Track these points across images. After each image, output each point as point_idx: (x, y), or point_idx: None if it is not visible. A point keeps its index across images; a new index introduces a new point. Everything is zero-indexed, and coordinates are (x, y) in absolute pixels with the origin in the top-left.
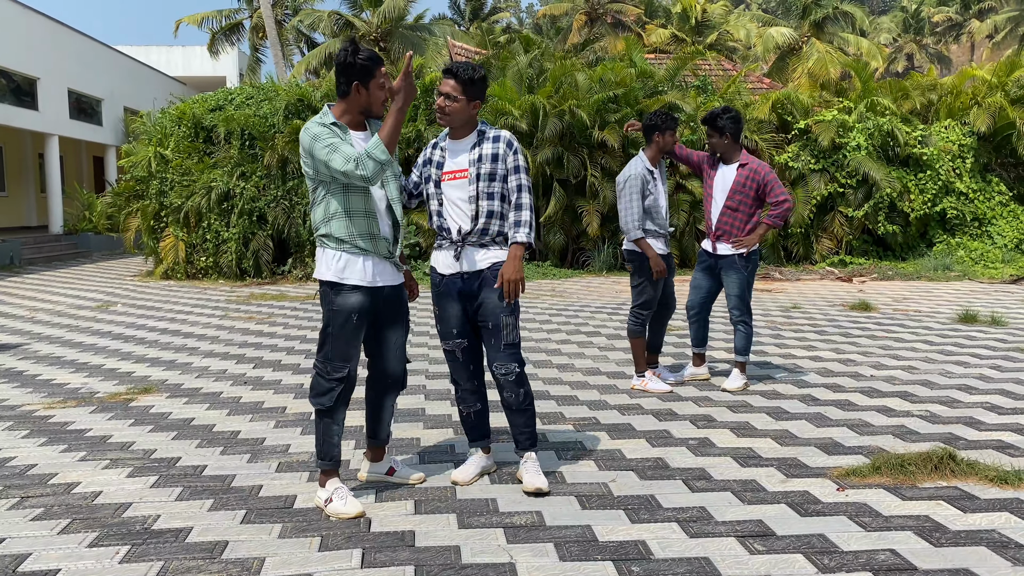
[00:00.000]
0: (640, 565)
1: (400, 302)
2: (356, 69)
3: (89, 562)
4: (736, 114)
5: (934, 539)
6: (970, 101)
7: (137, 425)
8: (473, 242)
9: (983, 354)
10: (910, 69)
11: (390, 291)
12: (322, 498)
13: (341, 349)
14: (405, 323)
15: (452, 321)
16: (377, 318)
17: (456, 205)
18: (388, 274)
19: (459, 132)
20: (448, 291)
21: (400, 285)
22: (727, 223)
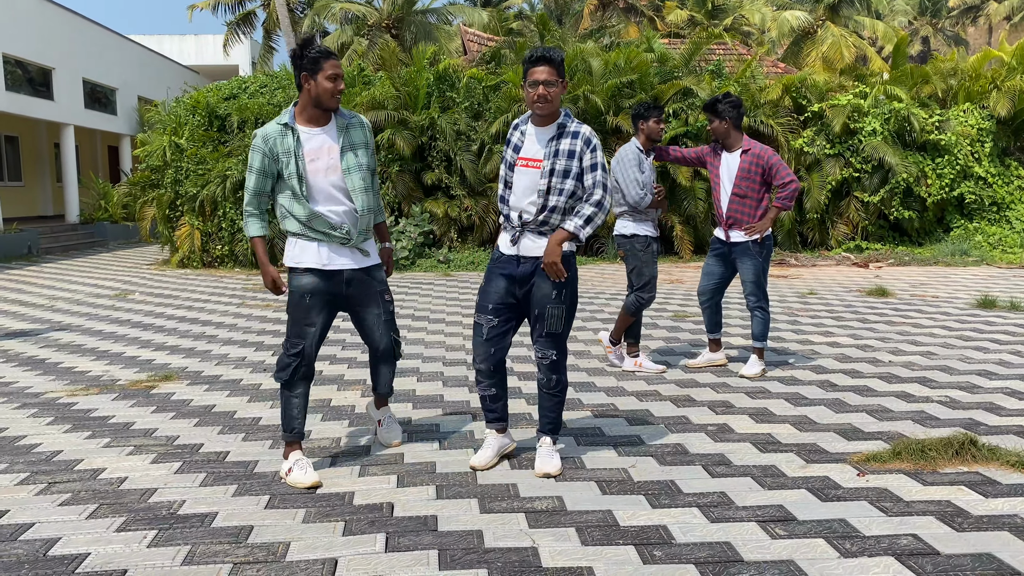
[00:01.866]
0: (662, 549)
1: (369, 282)
2: (304, 62)
3: (117, 546)
4: (736, 100)
5: (956, 524)
6: (989, 85)
7: (159, 412)
8: (532, 229)
9: (1003, 339)
10: (925, 52)
11: (352, 273)
12: (284, 469)
13: (295, 327)
14: (380, 301)
15: (492, 296)
16: (349, 300)
17: (524, 193)
18: (348, 258)
19: (547, 119)
20: (501, 269)
21: (370, 267)
22: (737, 210)
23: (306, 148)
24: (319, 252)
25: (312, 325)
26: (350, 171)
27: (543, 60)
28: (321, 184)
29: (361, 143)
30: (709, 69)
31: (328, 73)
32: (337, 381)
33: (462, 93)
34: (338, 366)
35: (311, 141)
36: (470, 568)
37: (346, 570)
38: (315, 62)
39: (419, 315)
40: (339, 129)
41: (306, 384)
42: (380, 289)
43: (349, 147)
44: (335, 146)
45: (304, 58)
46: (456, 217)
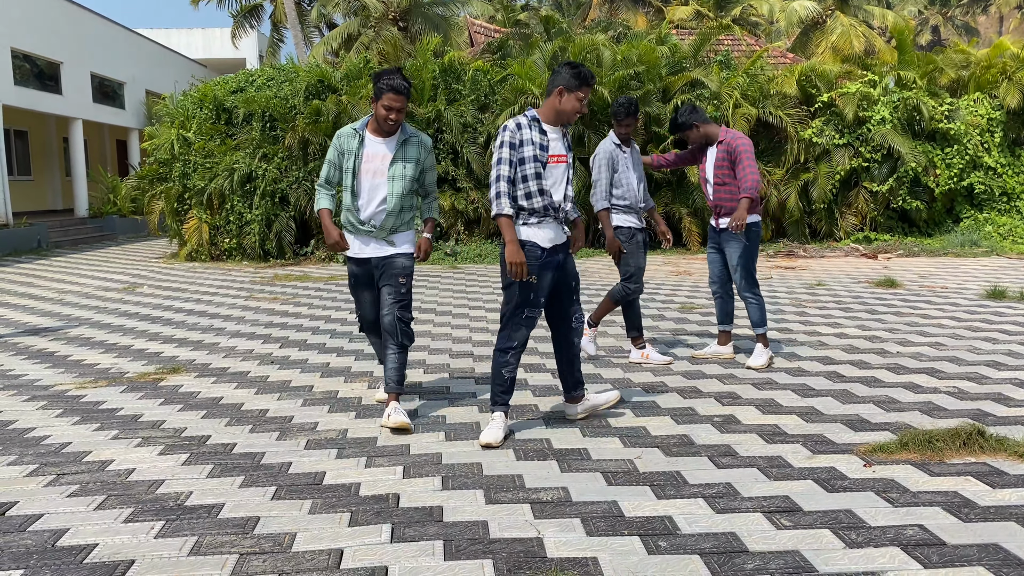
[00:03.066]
0: (667, 540)
1: (389, 268)
2: (374, 89)
3: (125, 537)
4: (687, 107)
5: (962, 514)
6: (999, 75)
7: (167, 404)
8: (561, 218)
9: (1012, 330)
10: (935, 41)
11: (378, 261)
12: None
13: (353, 299)
14: (394, 284)
15: (546, 290)
16: (376, 283)
17: (557, 187)
18: (375, 248)
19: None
20: (550, 263)
21: (394, 255)
22: (722, 198)
23: (366, 151)
24: (353, 243)
25: (360, 299)
26: (394, 179)
27: (594, 80)
28: (366, 183)
29: (413, 158)
30: (717, 60)
31: (385, 104)
32: (344, 373)
33: (468, 85)
34: (345, 358)
35: (371, 147)
36: (475, 559)
37: (352, 560)
38: (378, 92)
39: (426, 307)
40: (399, 142)
41: (375, 335)
42: (397, 272)
43: (401, 159)
44: (389, 155)
45: (374, 86)
46: (463, 210)
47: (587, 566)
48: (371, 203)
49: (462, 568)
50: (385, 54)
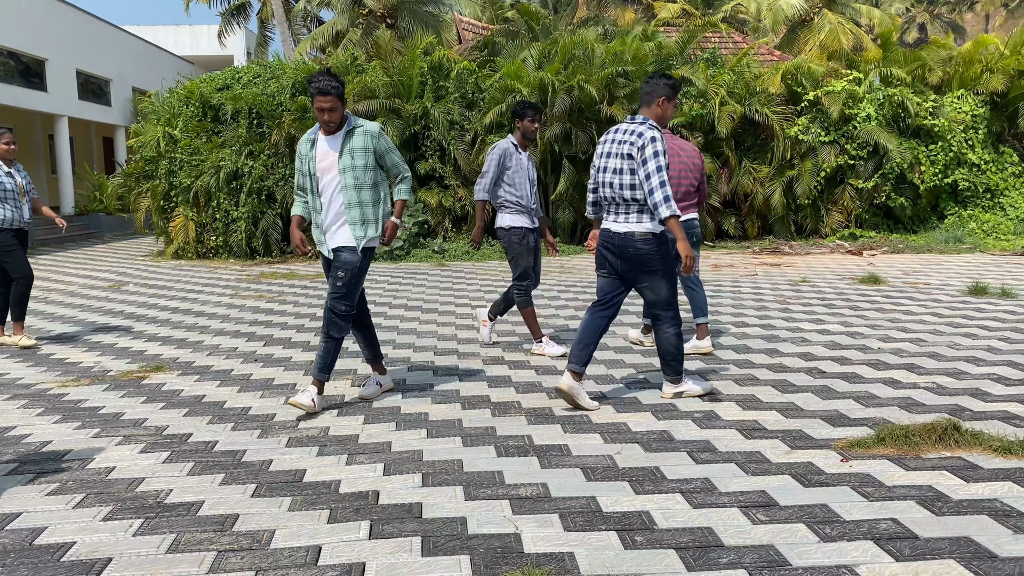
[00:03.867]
0: (643, 535)
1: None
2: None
3: (103, 535)
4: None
5: (936, 508)
6: (983, 70)
7: (149, 402)
8: None
9: (992, 326)
10: (922, 39)
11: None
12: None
13: None
14: (333, 276)
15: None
16: None
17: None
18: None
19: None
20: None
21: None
22: None
23: (318, 152)
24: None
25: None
26: (345, 171)
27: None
28: (324, 181)
29: (360, 147)
30: (704, 57)
31: (316, 106)
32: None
33: (455, 83)
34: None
35: (322, 146)
36: (452, 554)
37: (329, 557)
38: (311, 95)
39: (412, 304)
40: (344, 135)
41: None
42: (338, 265)
43: (348, 150)
44: (336, 150)
45: (308, 87)
46: (450, 207)
47: (563, 561)
48: (333, 202)
49: (439, 564)
50: (376, 49)
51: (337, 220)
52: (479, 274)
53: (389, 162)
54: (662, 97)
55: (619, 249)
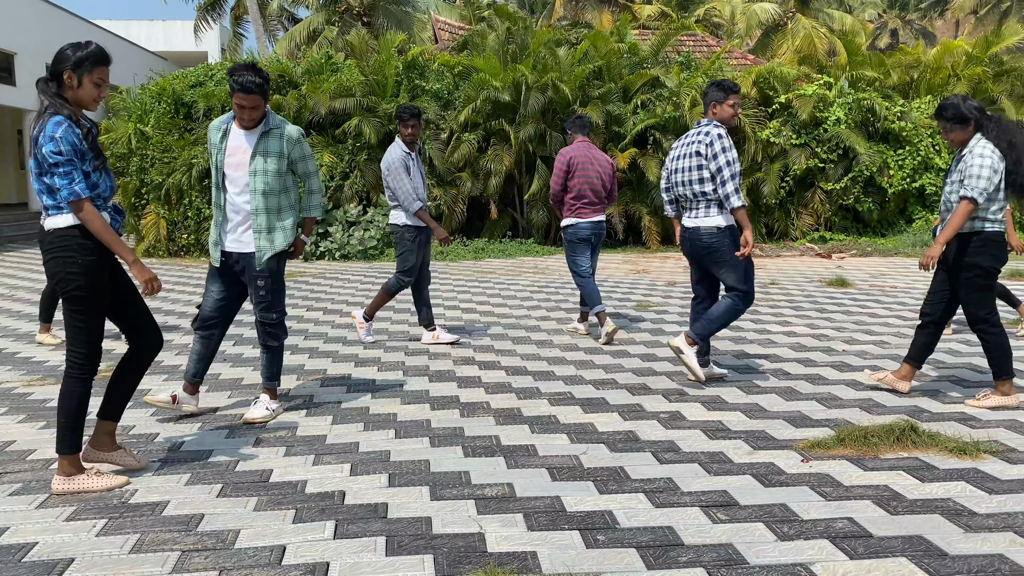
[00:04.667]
0: (605, 534)
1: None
2: (229, 84)
3: (66, 535)
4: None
5: (891, 507)
6: (949, 76)
7: None
8: None
9: (954, 328)
10: (894, 45)
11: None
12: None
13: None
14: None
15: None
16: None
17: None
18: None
19: None
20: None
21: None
22: None
23: (229, 144)
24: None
25: (209, 290)
26: (255, 174)
27: (737, 87)
28: (231, 177)
29: (275, 151)
30: (678, 60)
31: (237, 102)
32: (297, 371)
33: (431, 81)
34: (299, 356)
35: (234, 140)
36: (416, 554)
37: (293, 556)
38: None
39: (386, 305)
40: (259, 135)
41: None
42: (255, 274)
43: (262, 152)
44: (249, 149)
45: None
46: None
47: (526, 560)
48: (240, 203)
49: (403, 563)
50: (352, 48)
51: (245, 223)
52: (453, 274)
53: (302, 170)
54: (713, 102)
55: (690, 242)
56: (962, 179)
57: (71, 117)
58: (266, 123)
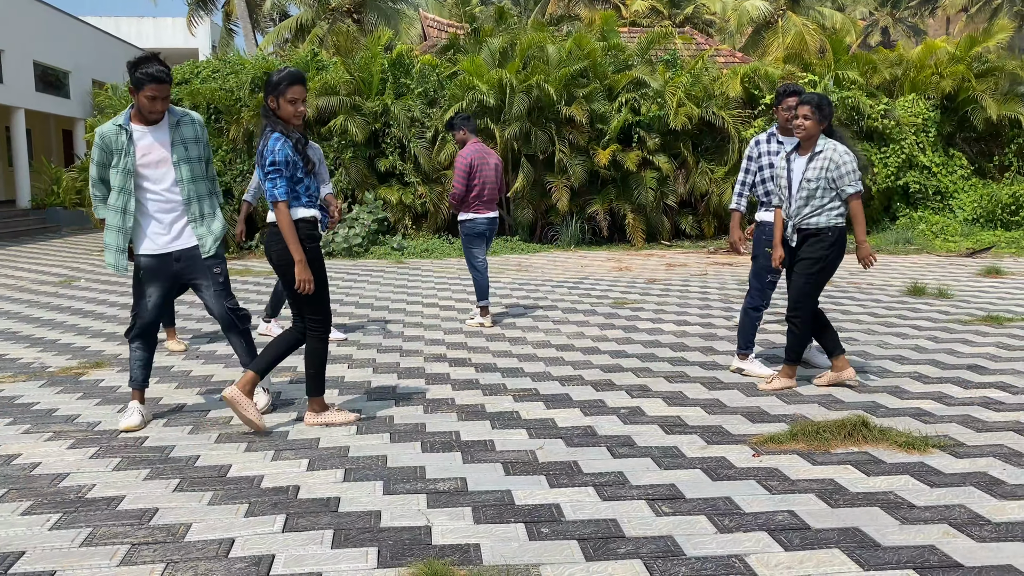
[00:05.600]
0: (550, 526)
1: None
2: (132, 79)
3: (20, 529)
4: (463, 115)
5: (833, 501)
6: (932, 75)
7: (85, 399)
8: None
9: (923, 325)
10: (884, 42)
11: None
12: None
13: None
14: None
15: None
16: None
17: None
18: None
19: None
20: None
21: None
22: None
23: (139, 145)
24: (148, 239)
25: (148, 295)
26: (180, 163)
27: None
28: (151, 175)
29: (192, 138)
30: (664, 59)
31: (148, 94)
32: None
33: (416, 79)
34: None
35: (143, 139)
36: (361, 546)
37: (240, 549)
38: (139, 83)
39: (363, 303)
40: (171, 126)
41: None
42: (210, 263)
43: (180, 141)
44: (166, 140)
45: (133, 74)
46: (410, 204)
47: (467, 552)
48: (163, 196)
49: (347, 555)
50: (338, 46)
51: (182, 219)
52: (436, 272)
53: (207, 155)
54: (774, 108)
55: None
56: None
57: (284, 133)
58: (172, 113)
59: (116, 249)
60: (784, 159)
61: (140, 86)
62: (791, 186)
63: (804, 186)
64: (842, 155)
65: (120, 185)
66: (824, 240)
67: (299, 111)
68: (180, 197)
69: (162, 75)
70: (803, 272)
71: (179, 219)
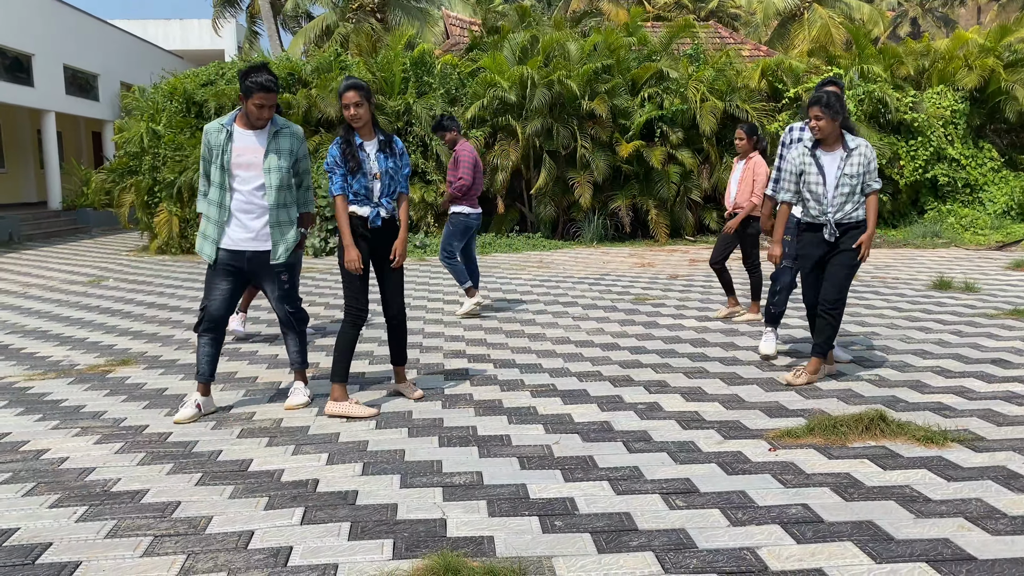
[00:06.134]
0: (563, 519)
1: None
2: (242, 87)
3: (47, 521)
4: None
5: (848, 494)
6: (962, 65)
7: (111, 395)
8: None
9: (947, 319)
10: (913, 33)
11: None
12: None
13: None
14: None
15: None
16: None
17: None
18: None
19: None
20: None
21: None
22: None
23: (236, 145)
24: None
25: (216, 289)
26: (270, 171)
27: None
28: (240, 176)
29: (286, 149)
30: (687, 53)
31: (256, 102)
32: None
33: (438, 78)
34: None
35: (241, 140)
36: (377, 538)
37: (260, 541)
38: (249, 91)
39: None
40: (270, 135)
41: (212, 335)
42: (279, 269)
43: (275, 151)
44: (261, 148)
45: (243, 83)
46: (432, 202)
47: (481, 544)
48: (247, 197)
49: (362, 547)
50: (360, 45)
51: (259, 221)
52: None
53: (303, 168)
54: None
55: None
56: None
57: (344, 136)
58: (274, 122)
59: (212, 240)
60: (808, 156)
61: (249, 94)
62: (825, 182)
63: (845, 182)
64: (872, 152)
65: (219, 181)
66: (861, 231)
67: (351, 115)
68: (264, 202)
69: (270, 84)
70: (847, 264)
71: (257, 221)
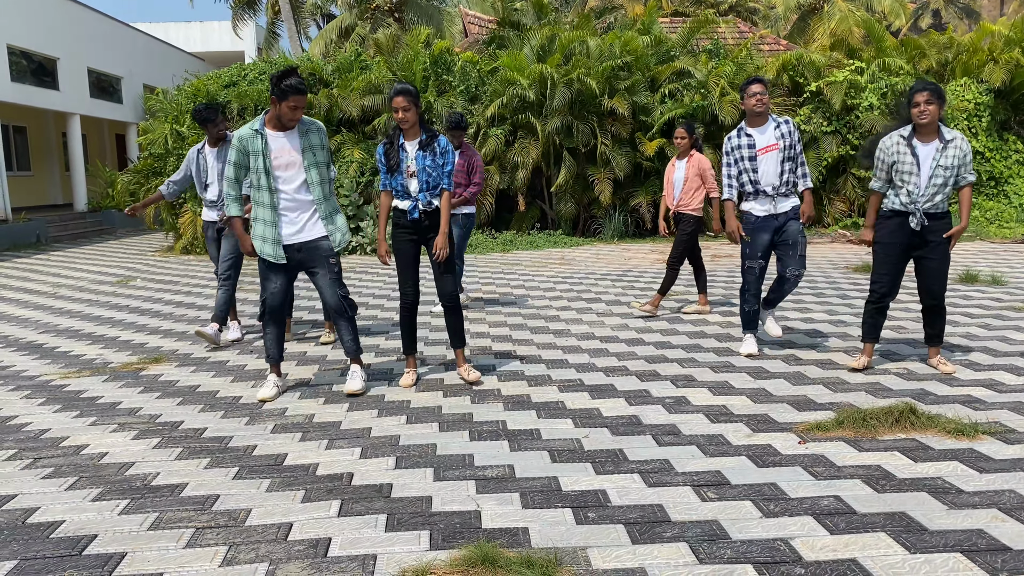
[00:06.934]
0: (596, 511)
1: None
2: (276, 90)
3: (91, 514)
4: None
5: (879, 486)
6: (986, 58)
7: (146, 392)
8: (782, 193)
9: (974, 313)
10: (935, 25)
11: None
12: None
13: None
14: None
15: (760, 247)
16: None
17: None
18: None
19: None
20: (763, 227)
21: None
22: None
23: (273, 148)
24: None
25: (275, 281)
26: (310, 167)
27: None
28: (281, 177)
29: (318, 144)
30: (707, 48)
31: (291, 104)
32: (319, 361)
33: (458, 76)
34: (323, 347)
35: (276, 142)
36: (414, 530)
37: (299, 533)
38: (284, 93)
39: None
40: (300, 134)
41: (276, 324)
42: (326, 254)
43: (309, 147)
44: (297, 147)
45: (276, 86)
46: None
47: (516, 535)
48: (292, 195)
49: (400, 538)
50: (378, 46)
51: (305, 215)
52: (480, 266)
53: (328, 159)
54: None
55: None
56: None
57: (388, 137)
58: (301, 122)
59: (272, 241)
60: (903, 146)
61: (284, 96)
62: (920, 172)
63: (939, 173)
64: (968, 145)
65: (262, 184)
66: (946, 221)
67: (399, 118)
68: (308, 197)
69: (303, 87)
70: (944, 254)
71: (302, 215)
